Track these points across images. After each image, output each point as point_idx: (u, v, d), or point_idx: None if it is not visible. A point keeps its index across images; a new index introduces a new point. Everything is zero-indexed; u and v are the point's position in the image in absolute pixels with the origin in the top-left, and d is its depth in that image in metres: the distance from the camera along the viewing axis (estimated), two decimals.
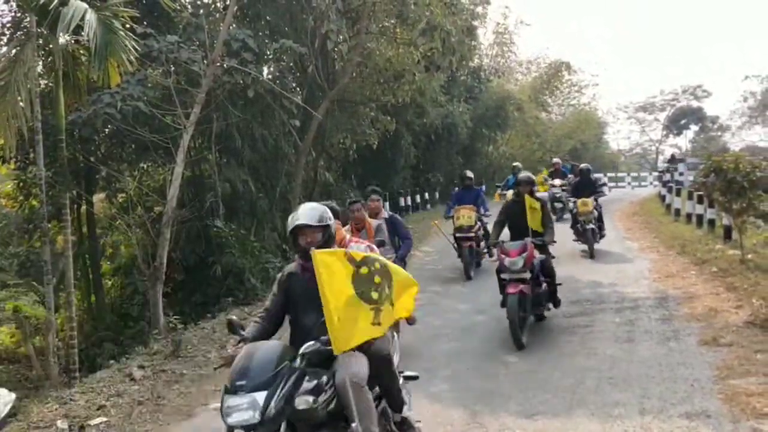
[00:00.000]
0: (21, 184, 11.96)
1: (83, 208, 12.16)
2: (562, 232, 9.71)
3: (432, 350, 6.52)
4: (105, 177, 11.71)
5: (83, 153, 10.57)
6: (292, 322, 3.52)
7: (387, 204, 16.10)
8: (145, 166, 12.57)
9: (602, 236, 11.48)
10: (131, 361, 7.31)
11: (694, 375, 5.16)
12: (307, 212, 3.39)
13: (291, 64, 13.63)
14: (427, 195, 22.35)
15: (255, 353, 3.04)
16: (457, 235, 9.96)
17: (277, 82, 12.62)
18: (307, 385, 3.08)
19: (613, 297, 8.18)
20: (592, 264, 10.37)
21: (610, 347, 6.15)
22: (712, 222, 11.65)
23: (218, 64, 10.25)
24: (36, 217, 11.32)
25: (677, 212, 14.59)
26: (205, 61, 10.16)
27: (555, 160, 17.90)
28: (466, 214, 9.96)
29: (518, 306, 6.17)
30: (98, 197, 13.00)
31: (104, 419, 5.64)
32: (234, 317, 3.50)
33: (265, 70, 13.52)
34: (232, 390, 2.91)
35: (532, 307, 6.60)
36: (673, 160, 29.22)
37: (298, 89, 14.54)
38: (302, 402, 3.01)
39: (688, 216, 13.37)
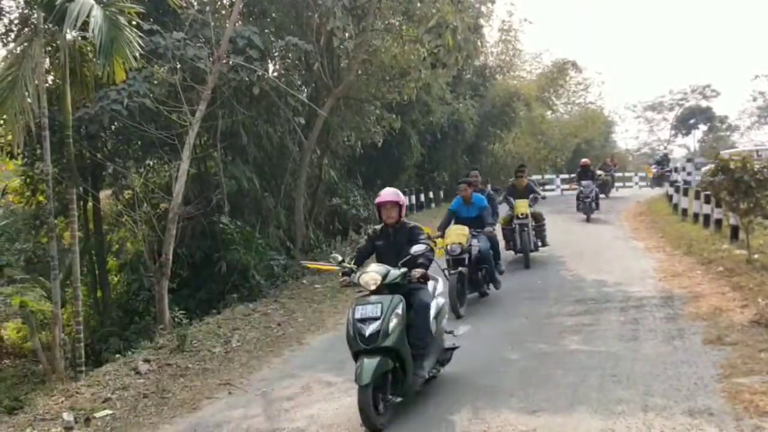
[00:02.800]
0: (28, 180, 12.07)
1: (90, 204, 12.24)
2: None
3: None
4: (111, 173, 11.79)
5: (90, 149, 10.64)
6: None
7: None
8: (151, 162, 12.62)
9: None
10: (137, 355, 7.37)
11: (698, 373, 5.14)
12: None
13: (296, 61, 13.63)
14: (432, 194, 22.31)
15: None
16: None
17: (283, 79, 12.64)
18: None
19: (618, 296, 8.14)
20: (597, 263, 10.34)
21: (614, 345, 6.14)
22: (719, 222, 11.57)
23: (224, 61, 10.28)
24: (43, 212, 11.41)
25: (684, 212, 14.50)
26: (210, 59, 10.20)
27: (461, 186, 8.66)
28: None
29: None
30: (105, 194, 13.08)
31: (110, 412, 5.71)
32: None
33: (271, 68, 13.57)
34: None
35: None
36: (584, 172, 17.12)
37: (303, 87, 14.56)
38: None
39: (695, 216, 13.29)
